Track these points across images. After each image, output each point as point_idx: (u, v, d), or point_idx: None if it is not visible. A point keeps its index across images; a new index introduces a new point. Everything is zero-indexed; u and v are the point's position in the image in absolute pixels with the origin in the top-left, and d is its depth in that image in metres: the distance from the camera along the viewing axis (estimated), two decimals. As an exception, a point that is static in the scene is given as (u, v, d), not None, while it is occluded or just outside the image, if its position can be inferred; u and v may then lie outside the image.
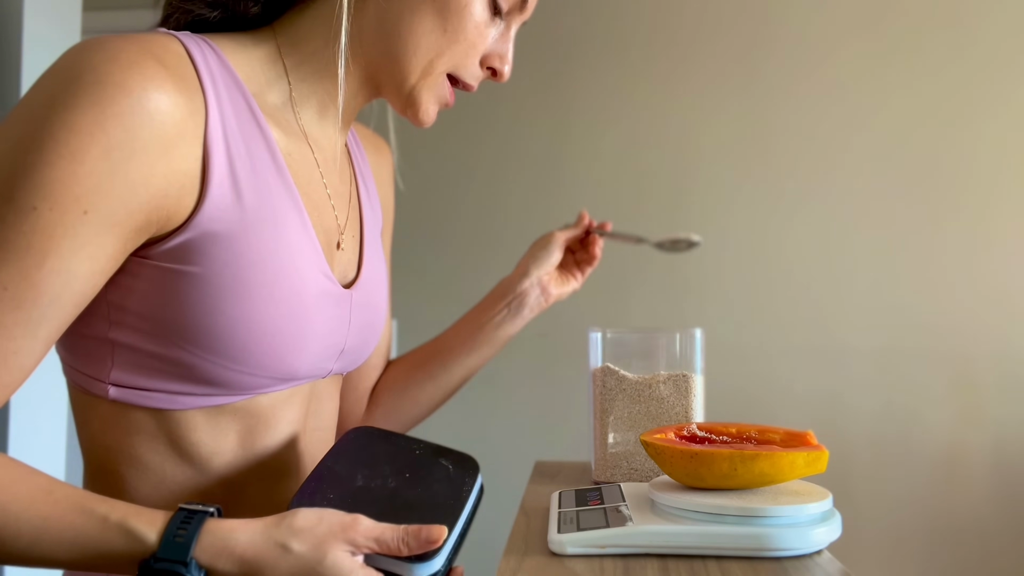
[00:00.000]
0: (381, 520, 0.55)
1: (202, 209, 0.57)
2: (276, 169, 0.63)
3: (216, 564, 0.52)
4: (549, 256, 0.92)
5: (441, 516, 0.57)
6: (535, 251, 0.93)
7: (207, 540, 0.52)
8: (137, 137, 0.53)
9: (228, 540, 0.52)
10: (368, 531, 0.53)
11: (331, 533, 0.53)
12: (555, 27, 2.02)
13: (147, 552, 0.51)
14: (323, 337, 0.66)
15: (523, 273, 0.92)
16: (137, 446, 0.62)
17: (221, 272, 0.58)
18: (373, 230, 0.79)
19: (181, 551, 0.51)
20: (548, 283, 0.92)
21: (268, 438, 0.66)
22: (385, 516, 0.55)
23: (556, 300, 0.93)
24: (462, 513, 0.59)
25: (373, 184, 0.83)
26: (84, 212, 0.52)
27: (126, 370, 0.60)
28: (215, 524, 0.53)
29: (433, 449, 0.68)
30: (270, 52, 0.67)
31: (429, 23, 0.66)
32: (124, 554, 0.52)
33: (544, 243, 0.93)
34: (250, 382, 0.62)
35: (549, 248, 0.92)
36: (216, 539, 0.52)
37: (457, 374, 0.91)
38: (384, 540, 0.53)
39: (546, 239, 0.93)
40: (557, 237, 0.93)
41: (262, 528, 0.53)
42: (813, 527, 0.59)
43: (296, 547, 0.52)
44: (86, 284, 0.54)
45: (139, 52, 0.55)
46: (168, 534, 0.51)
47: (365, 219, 0.77)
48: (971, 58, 1.88)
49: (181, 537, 0.51)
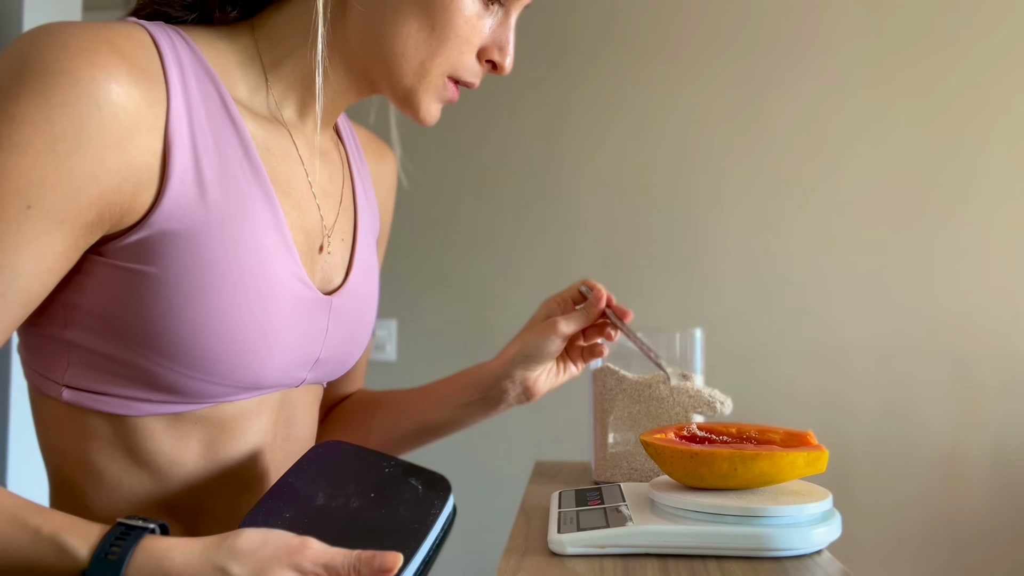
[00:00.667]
0: (338, 544, 0.51)
1: (160, 206, 0.54)
2: (249, 165, 0.59)
3: None
4: (541, 355, 0.77)
5: (403, 540, 0.53)
6: (527, 347, 0.77)
7: (141, 558, 0.48)
8: (85, 128, 0.50)
9: (163, 560, 0.48)
10: (317, 556, 0.49)
11: (275, 557, 0.48)
12: (554, 23, 2.02)
13: (76, 569, 0.48)
14: (293, 345, 0.62)
15: (505, 374, 0.78)
16: (93, 452, 0.59)
17: (179, 273, 0.55)
18: (368, 236, 0.75)
19: (112, 569, 0.48)
20: (535, 383, 0.79)
21: (233, 448, 0.62)
22: (343, 539, 0.52)
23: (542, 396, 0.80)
24: (426, 539, 0.55)
25: (372, 190, 0.80)
26: (27, 207, 0.50)
27: (81, 372, 0.57)
28: (152, 542, 0.49)
29: (404, 467, 0.62)
30: (247, 47, 0.64)
31: (415, 23, 0.62)
32: (53, 569, 0.49)
33: (541, 337, 0.76)
34: (211, 390, 0.59)
35: (544, 348, 0.76)
36: (150, 558, 0.48)
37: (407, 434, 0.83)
38: (334, 566, 0.49)
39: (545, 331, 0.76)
40: (559, 329, 0.76)
41: (201, 549, 0.49)
42: (813, 527, 0.59)
43: (236, 571, 0.48)
44: (33, 282, 0.52)
45: (92, 39, 0.52)
46: (100, 551, 0.48)
47: (361, 224, 0.73)
48: (975, 58, 1.88)
49: (114, 555, 0.48)
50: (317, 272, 0.66)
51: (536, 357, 0.77)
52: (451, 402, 0.81)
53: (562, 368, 0.81)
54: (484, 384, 0.80)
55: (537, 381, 0.79)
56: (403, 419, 0.83)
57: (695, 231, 1.96)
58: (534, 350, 0.77)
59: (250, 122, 0.62)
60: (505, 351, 0.80)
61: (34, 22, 1.50)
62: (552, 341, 0.76)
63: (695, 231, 1.96)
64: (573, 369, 0.82)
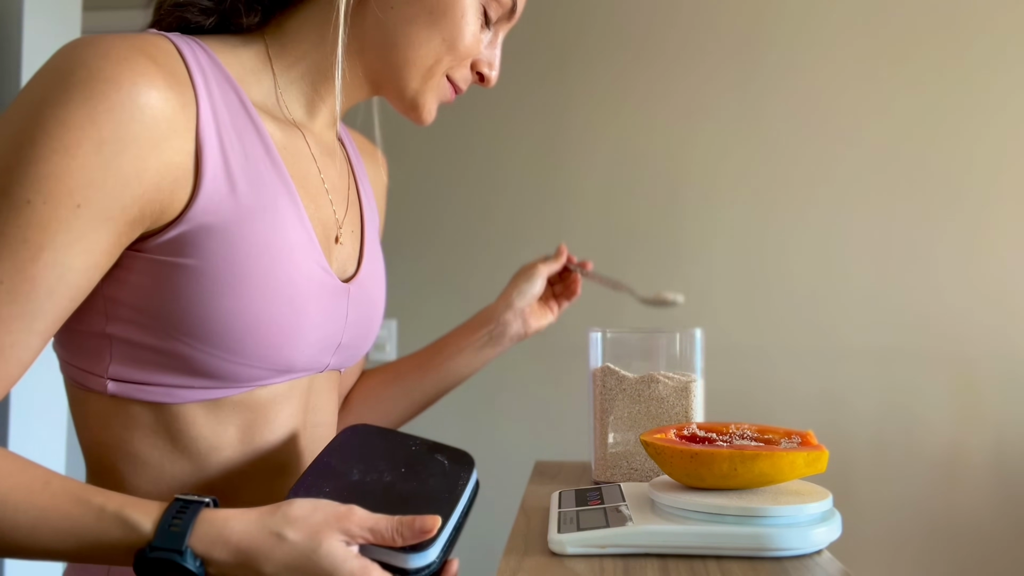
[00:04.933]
0: (377, 512, 0.55)
1: (196, 202, 0.58)
2: (271, 162, 0.63)
3: (212, 553, 0.52)
4: (532, 288, 0.94)
5: (436, 509, 0.57)
6: (519, 282, 0.95)
7: (202, 529, 0.52)
8: (128, 131, 0.54)
9: (223, 529, 0.52)
10: (363, 521, 0.53)
11: (326, 522, 0.53)
12: (550, 23, 2.02)
13: (143, 541, 0.52)
14: (320, 329, 0.66)
15: (507, 304, 0.94)
16: (136, 441, 0.62)
17: (216, 264, 0.58)
18: (373, 229, 0.79)
19: (176, 540, 0.51)
20: (529, 315, 0.94)
21: (267, 433, 0.66)
22: (380, 509, 0.55)
23: (534, 333, 0.95)
24: (457, 506, 0.60)
25: (370, 188, 0.84)
26: (77, 206, 0.53)
27: (124, 364, 0.60)
28: (210, 514, 0.53)
29: (429, 445, 0.68)
30: (259, 53, 0.68)
31: (426, 33, 0.67)
32: (120, 544, 0.52)
33: (528, 275, 0.95)
34: (247, 373, 0.62)
35: (532, 280, 0.94)
36: (211, 528, 0.52)
37: (431, 392, 0.93)
38: (378, 530, 0.53)
39: (530, 271, 0.95)
40: (540, 270, 0.95)
41: (257, 517, 0.53)
42: (813, 527, 0.59)
43: (291, 535, 0.52)
44: (81, 278, 0.55)
45: (129, 49, 0.56)
46: (164, 523, 0.52)
47: (365, 216, 0.78)
48: (972, 56, 1.88)
49: (177, 526, 0.51)
50: (334, 262, 0.70)
51: (527, 287, 0.94)
52: (468, 348, 0.93)
53: (546, 309, 0.97)
54: (488, 322, 0.93)
55: (530, 315, 0.94)
56: (427, 379, 0.92)
57: (695, 231, 1.96)
58: (525, 283, 0.94)
59: (268, 123, 0.66)
60: (501, 295, 0.95)
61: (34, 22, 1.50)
62: (537, 273, 0.95)
63: (695, 231, 1.96)
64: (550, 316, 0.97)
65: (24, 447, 1.45)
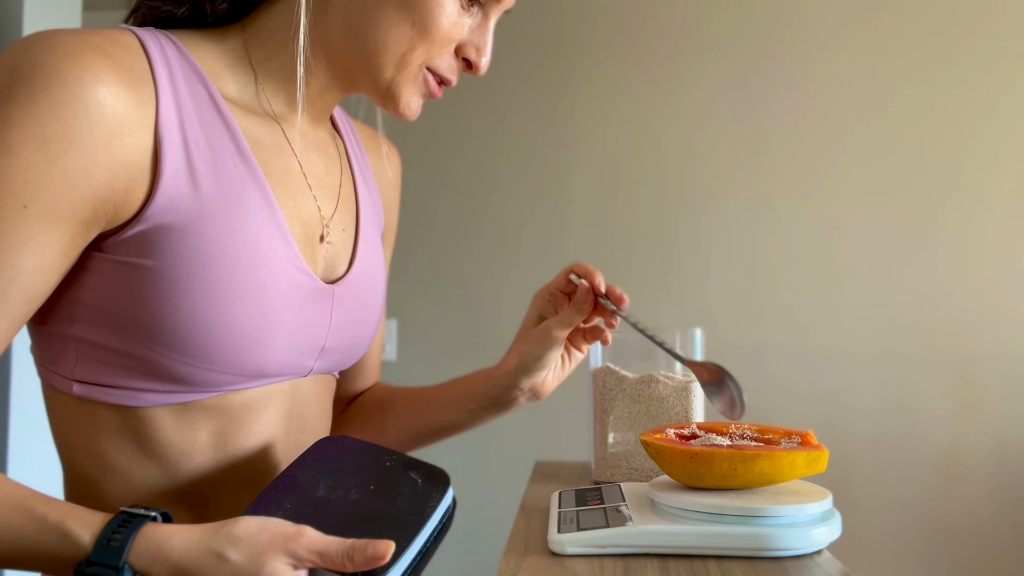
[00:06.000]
0: (337, 533, 0.52)
1: (154, 200, 0.56)
2: (240, 158, 0.61)
3: (150, 570, 0.50)
4: (543, 366, 0.77)
5: (400, 531, 0.54)
6: (526, 359, 0.77)
7: (142, 545, 0.50)
8: (73, 128, 0.52)
9: (163, 546, 0.51)
10: (311, 543, 0.51)
11: (271, 543, 0.51)
12: (546, 20, 2.02)
13: (81, 555, 0.50)
14: (296, 332, 0.64)
15: (511, 384, 0.78)
16: (103, 445, 0.61)
17: (176, 265, 0.57)
18: (372, 227, 0.76)
19: (114, 556, 0.50)
20: (543, 384, 0.79)
21: (243, 439, 0.64)
22: (341, 529, 0.53)
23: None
24: (422, 530, 0.56)
25: (375, 183, 0.81)
26: (24, 206, 0.52)
27: (89, 366, 0.59)
28: (152, 529, 0.51)
29: (405, 461, 0.64)
30: (236, 47, 0.66)
31: (395, 17, 0.63)
32: (60, 556, 0.51)
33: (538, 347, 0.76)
34: (214, 378, 0.60)
35: (543, 356, 0.76)
36: (151, 544, 0.50)
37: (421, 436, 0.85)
38: (328, 554, 0.51)
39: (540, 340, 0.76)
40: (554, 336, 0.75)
41: (200, 535, 0.51)
42: (813, 527, 0.59)
43: (233, 556, 0.50)
44: (34, 279, 0.53)
45: (78, 43, 0.54)
46: (102, 538, 0.50)
47: (363, 215, 0.75)
48: (970, 55, 1.88)
49: (116, 541, 0.50)
50: (319, 261, 0.68)
51: (537, 366, 0.77)
52: (462, 407, 0.83)
53: (567, 359, 0.81)
54: (493, 393, 0.80)
55: (544, 382, 0.80)
56: (417, 420, 0.85)
57: (695, 231, 1.96)
58: (534, 361, 0.77)
59: (240, 118, 0.63)
60: (507, 360, 0.79)
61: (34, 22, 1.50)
62: (550, 348, 0.76)
63: (695, 231, 1.96)
64: (579, 355, 0.81)
65: (24, 452, 1.45)
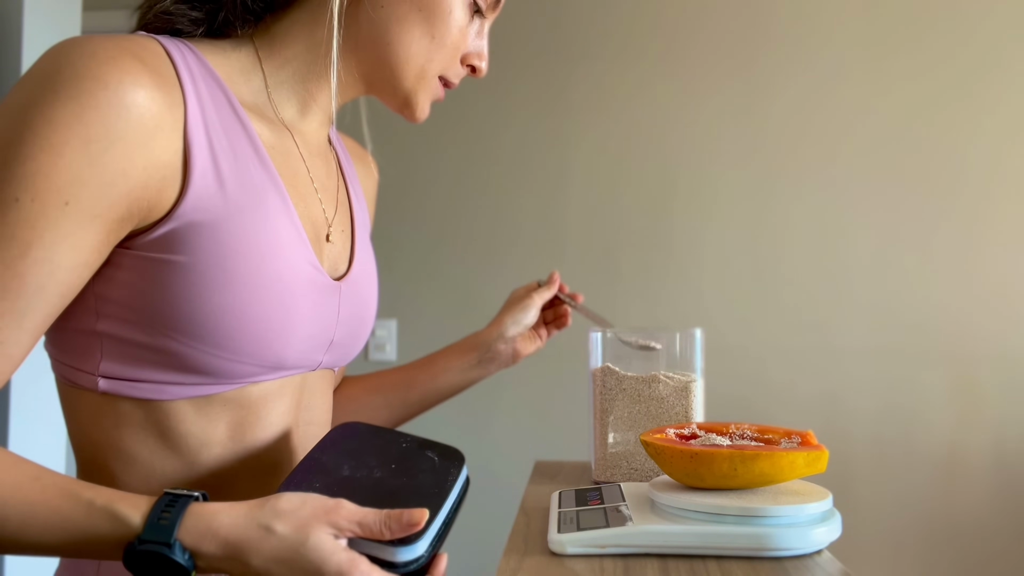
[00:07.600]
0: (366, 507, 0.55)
1: (185, 199, 0.58)
2: (259, 160, 0.64)
3: (200, 546, 0.52)
4: (525, 317, 0.95)
5: (425, 503, 0.58)
6: (513, 311, 0.96)
7: (191, 522, 0.52)
8: (114, 129, 0.54)
9: (212, 522, 0.53)
10: (350, 515, 0.54)
11: (314, 516, 0.53)
12: (542, 21, 2.02)
13: (132, 535, 0.52)
14: (311, 326, 0.67)
15: (500, 333, 0.95)
16: (126, 438, 0.63)
17: (206, 261, 0.59)
18: (363, 229, 0.80)
19: (165, 533, 0.51)
20: (519, 343, 0.95)
21: (259, 431, 0.66)
22: (370, 504, 0.56)
23: (523, 359, 0.96)
24: (446, 501, 0.60)
25: (360, 190, 0.85)
26: (65, 203, 0.53)
27: (115, 361, 0.61)
28: (199, 507, 0.53)
29: (420, 442, 0.69)
30: (248, 55, 0.69)
31: (418, 31, 0.69)
32: (109, 538, 0.53)
33: (522, 304, 0.96)
34: (238, 369, 0.63)
35: (526, 310, 0.95)
36: (200, 521, 0.53)
37: (413, 407, 0.94)
38: (366, 523, 0.54)
39: (524, 299, 0.96)
40: (534, 300, 0.96)
41: (246, 511, 0.54)
42: (813, 527, 0.59)
43: (279, 528, 0.53)
44: (70, 275, 0.55)
45: (116, 49, 0.56)
46: (152, 517, 0.52)
47: (356, 217, 0.78)
48: (971, 52, 1.88)
49: (165, 520, 0.52)
50: (325, 260, 0.71)
51: (522, 317, 0.95)
52: (455, 369, 0.94)
53: (536, 337, 0.98)
54: (479, 347, 0.95)
55: (520, 342, 0.95)
56: (410, 394, 0.94)
57: (694, 231, 1.96)
58: (519, 312, 0.96)
59: (256, 122, 0.66)
60: (495, 321, 0.96)
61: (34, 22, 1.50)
62: (533, 303, 0.96)
63: (694, 231, 1.96)
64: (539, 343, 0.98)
65: (24, 447, 1.45)
